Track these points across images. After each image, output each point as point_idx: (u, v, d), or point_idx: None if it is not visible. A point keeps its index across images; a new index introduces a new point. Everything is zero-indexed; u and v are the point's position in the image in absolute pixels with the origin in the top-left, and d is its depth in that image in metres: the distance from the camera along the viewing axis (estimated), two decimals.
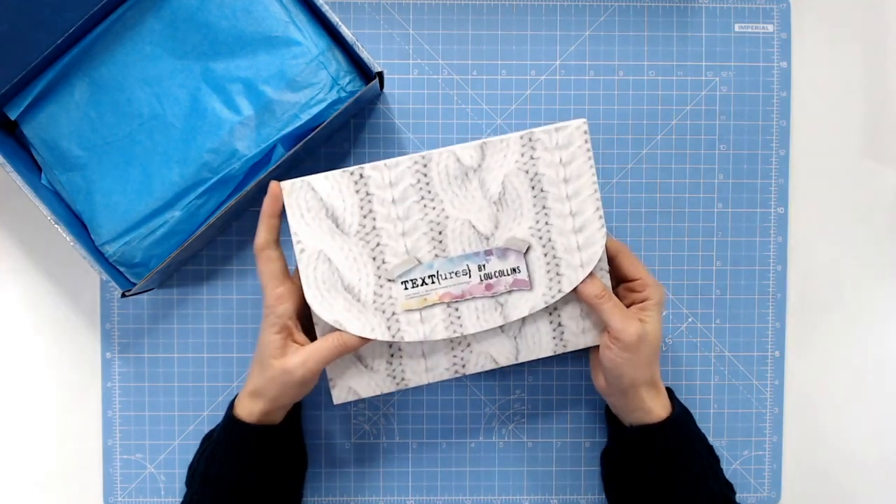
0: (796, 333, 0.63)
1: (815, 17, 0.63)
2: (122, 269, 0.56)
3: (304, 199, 0.51)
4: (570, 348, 0.54)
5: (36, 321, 0.61)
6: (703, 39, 0.62)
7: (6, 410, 0.61)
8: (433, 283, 0.52)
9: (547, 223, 0.52)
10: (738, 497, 0.63)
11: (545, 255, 0.52)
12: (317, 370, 0.50)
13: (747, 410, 0.63)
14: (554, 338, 0.54)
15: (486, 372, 0.60)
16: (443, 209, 0.52)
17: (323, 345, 0.50)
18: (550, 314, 0.54)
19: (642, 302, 0.53)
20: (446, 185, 0.52)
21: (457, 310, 0.52)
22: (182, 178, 0.54)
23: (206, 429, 0.59)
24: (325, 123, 0.53)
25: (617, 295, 0.53)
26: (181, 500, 0.54)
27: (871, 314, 0.64)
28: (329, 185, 0.51)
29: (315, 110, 0.54)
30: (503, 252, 0.52)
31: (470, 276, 0.52)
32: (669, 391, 0.56)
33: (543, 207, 0.52)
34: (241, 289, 0.61)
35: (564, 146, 0.51)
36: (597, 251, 0.52)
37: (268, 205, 0.51)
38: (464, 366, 0.54)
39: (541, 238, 0.52)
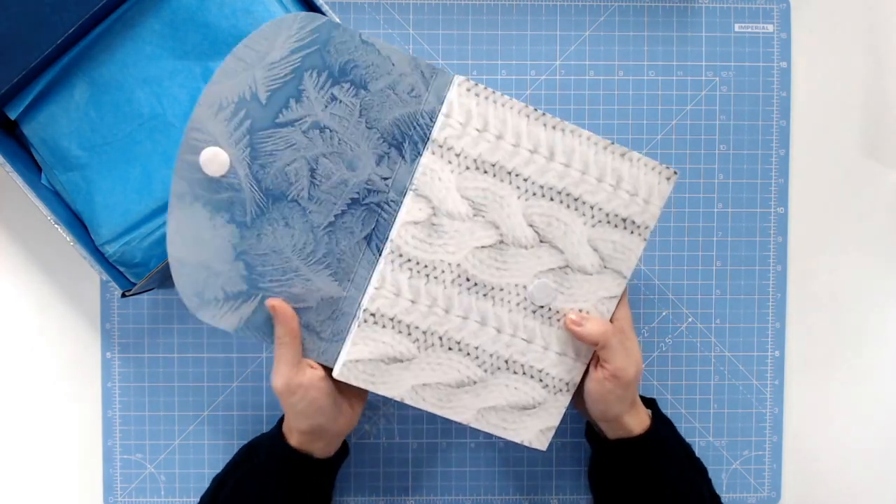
0: (796, 333, 0.63)
1: (815, 17, 0.63)
2: (122, 269, 0.56)
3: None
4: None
5: (36, 321, 0.61)
6: (703, 39, 0.62)
7: (6, 410, 0.61)
8: None
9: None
10: (738, 497, 0.63)
11: None
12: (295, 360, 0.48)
13: (747, 410, 0.63)
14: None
15: None
16: None
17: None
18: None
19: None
20: None
21: None
22: None
23: (206, 429, 0.59)
24: None
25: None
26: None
27: (871, 314, 0.64)
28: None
29: None
30: None
31: None
32: (652, 404, 0.55)
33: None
34: None
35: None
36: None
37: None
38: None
39: None
